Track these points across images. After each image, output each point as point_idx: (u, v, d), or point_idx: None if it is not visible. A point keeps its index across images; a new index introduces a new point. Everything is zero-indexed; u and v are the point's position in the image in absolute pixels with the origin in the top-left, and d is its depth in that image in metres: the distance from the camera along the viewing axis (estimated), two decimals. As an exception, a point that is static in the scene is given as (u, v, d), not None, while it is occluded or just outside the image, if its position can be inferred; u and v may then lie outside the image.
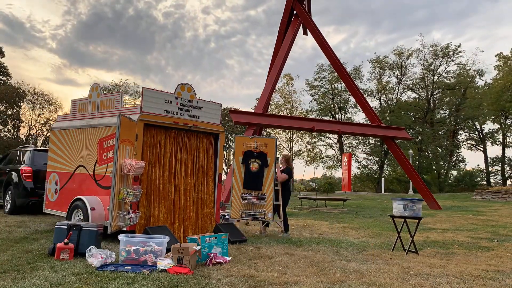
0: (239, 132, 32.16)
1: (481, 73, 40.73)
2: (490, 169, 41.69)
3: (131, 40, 79.08)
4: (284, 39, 18.64)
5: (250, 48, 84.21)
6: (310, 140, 43.43)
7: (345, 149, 42.12)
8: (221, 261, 5.28)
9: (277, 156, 8.50)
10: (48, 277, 4.25)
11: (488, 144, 42.12)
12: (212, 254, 5.34)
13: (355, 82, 24.29)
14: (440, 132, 42.21)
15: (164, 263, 4.87)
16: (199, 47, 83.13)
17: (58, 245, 5.25)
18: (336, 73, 31.37)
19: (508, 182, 39.81)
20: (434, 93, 42.40)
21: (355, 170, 44.79)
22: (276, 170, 8.24)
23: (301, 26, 19.93)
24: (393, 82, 43.32)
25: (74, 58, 73.23)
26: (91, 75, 76.71)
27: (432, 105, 42.61)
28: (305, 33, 20.79)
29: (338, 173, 44.59)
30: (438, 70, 41.13)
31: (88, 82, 78.21)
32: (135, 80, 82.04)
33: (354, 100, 27.31)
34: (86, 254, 5.10)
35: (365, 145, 44.02)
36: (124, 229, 6.17)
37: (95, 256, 4.97)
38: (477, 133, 43.16)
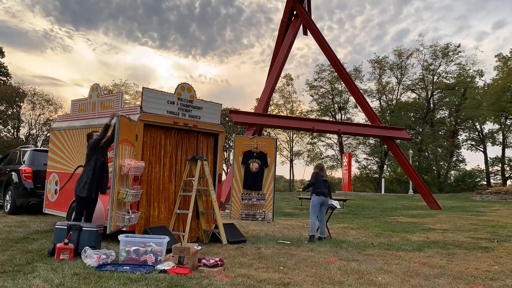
0: (239, 132, 32.14)
1: (480, 73, 40.73)
2: (490, 169, 41.68)
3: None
4: (284, 40, 18.66)
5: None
6: (310, 141, 43.46)
7: (345, 149, 42.11)
8: (218, 263, 5.20)
9: (276, 156, 8.48)
10: (48, 277, 4.25)
11: (488, 144, 42.14)
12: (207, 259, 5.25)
13: (355, 82, 24.30)
14: (440, 132, 42.19)
15: (164, 264, 4.87)
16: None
17: (58, 245, 5.25)
18: (336, 73, 31.36)
19: (508, 182, 39.79)
20: (434, 93, 42.40)
21: (355, 170, 44.81)
22: None
23: (302, 26, 19.94)
24: (393, 82, 43.34)
25: (66, 16, 60.75)
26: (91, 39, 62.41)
27: (432, 105, 42.61)
28: (305, 33, 20.80)
29: (338, 174, 44.62)
30: (438, 70, 41.15)
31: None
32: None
33: (354, 100, 27.29)
34: (82, 255, 5.09)
35: (365, 145, 44.01)
36: (124, 229, 6.17)
37: (91, 257, 4.97)
38: (477, 133, 43.15)
